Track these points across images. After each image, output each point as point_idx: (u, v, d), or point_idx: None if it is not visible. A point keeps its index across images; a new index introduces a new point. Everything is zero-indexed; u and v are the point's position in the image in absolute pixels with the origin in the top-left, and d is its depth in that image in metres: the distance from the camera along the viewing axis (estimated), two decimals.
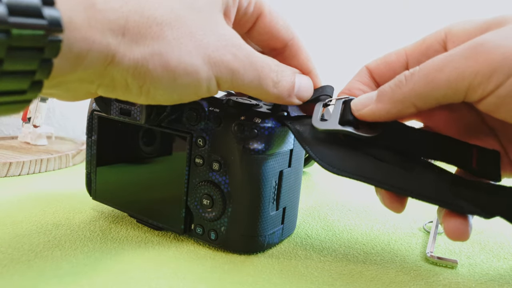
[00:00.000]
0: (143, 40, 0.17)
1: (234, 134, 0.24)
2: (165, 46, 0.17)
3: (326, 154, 0.22)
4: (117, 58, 0.17)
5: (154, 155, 0.28)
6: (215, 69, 0.19)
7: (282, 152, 0.26)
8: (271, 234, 0.26)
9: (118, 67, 0.17)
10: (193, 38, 0.18)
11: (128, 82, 0.18)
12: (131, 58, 0.17)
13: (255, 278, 0.23)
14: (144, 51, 0.17)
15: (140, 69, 0.17)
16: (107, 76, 0.17)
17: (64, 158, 0.48)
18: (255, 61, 0.20)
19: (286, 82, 0.21)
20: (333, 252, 0.27)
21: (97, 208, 0.33)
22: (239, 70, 0.19)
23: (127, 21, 0.16)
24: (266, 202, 0.25)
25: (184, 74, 0.18)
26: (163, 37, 0.17)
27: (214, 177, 0.25)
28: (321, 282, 0.23)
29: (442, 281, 0.24)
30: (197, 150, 0.26)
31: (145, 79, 0.18)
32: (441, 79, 0.18)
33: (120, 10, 0.16)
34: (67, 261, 0.24)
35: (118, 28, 0.16)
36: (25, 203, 0.34)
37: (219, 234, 0.26)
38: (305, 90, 0.23)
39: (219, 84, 0.19)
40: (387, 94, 0.20)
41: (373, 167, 0.21)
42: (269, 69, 0.20)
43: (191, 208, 0.26)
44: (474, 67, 0.17)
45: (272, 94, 0.21)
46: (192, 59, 0.18)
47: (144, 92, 0.18)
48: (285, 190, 0.27)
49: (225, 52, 0.19)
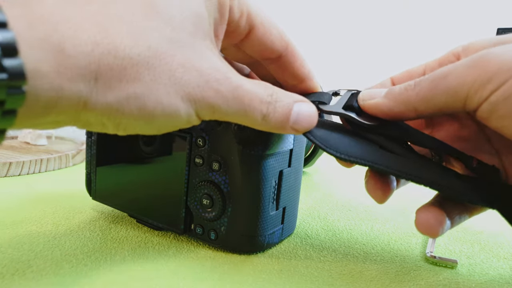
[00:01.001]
0: (117, 84, 0.16)
1: (234, 134, 0.24)
2: (142, 89, 0.16)
3: (331, 141, 0.22)
4: (89, 104, 0.16)
5: (154, 155, 0.28)
6: (194, 105, 0.18)
7: (282, 152, 0.26)
8: (271, 234, 0.26)
9: (92, 112, 0.16)
10: (172, 76, 0.17)
11: (104, 122, 0.17)
12: (105, 103, 0.16)
13: (255, 278, 0.23)
14: (118, 95, 0.16)
15: (116, 113, 0.16)
16: (81, 119, 0.16)
17: (64, 158, 0.48)
18: (241, 94, 0.19)
19: (279, 114, 0.20)
20: (333, 252, 0.27)
21: (97, 208, 0.33)
22: (221, 105, 0.18)
23: (99, 65, 0.15)
24: (266, 202, 0.25)
25: (162, 115, 0.17)
26: (139, 79, 0.16)
27: (214, 177, 0.25)
28: (321, 282, 0.23)
29: (442, 281, 0.24)
30: (197, 150, 0.26)
31: (121, 120, 0.17)
32: (443, 85, 0.19)
33: (92, 54, 0.15)
34: (67, 261, 0.24)
35: (90, 73, 0.15)
36: (25, 203, 0.34)
37: (219, 234, 0.26)
38: (304, 119, 0.21)
39: (199, 117, 0.19)
40: (394, 93, 0.21)
41: (379, 154, 0.21)
42: (259, 101, 0.19)
43: (191, 208, 0.26)
44: (473, 75, 0.18)
45: (261, 126, 0.20)
46: (171, 99, 0.17)
47: (121, 128, 0.18)
48: (285, 190, 0.27)
49: (206, 88, 0.18)
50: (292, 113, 0.20)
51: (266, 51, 0.22)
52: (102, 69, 0.15)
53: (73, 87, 0.15)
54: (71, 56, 0.14)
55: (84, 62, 0.15)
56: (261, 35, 0.21)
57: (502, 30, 0.91)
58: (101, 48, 0.15)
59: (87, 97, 0.15)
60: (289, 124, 0.20)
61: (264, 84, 0.20)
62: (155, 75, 0.16)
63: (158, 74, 0.17)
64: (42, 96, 0.14)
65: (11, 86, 0.13)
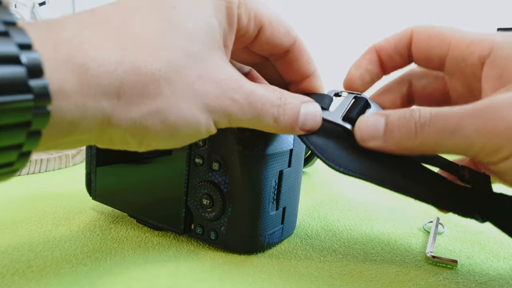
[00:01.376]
0: (140, 100, 0.16)
1: (234, 134, 0.24)
2: (164, 103, 0.17)
3: (330, 151, 0.22)
4: (113, 121, 0.16)
5: (154, 155, 0.28)
6: (213, 115, 0.18)
7: (282, 152, 0.26)
8: (271, 234, 0.26)
9: (116, 129, 0.16)
10: (192, 89, 0.17)
11: (127, 140, 0.17)
12: (129, 119, 0.16)
13: (255, 278, 0.23)
14: (141, 110, 0.16)
15: (139, 128, 0.17)
16: (105, 137, 0.17)
17: (64, 158, 0.48)
18: (255, 100, 0.19)
19: (288, 116, 0.21)
20: (333, 252, 0.27)
21: (97, 208, 0.33)
22: (237, 112, 0.19)
23: (122, 83, 0.15)
24: (266, 202, 0.25)
25: (185, 126, 0.18)
26: (161, 94, 0.16)
27: (214, 177, 0.25)
28: (321, 282, 0.23)
29: (442, 281, 0.24)
30: (197, 150, 0.26)
31: (145, 136, 0.17)
32: (450, 142, 0.18)
33: (115, 72, 0.15)
34: (67, 261, 0.24)
35: (113, 92, 0.15)
36: (25, 203, 0.34)
37: (219, 234, 0.26)
38: (311, 120, 0.22)
39: (217, 125, 0.19)
40: (395, 138, 0.20)
41: (375, 168, 0.21)
42: (270, 105, 0.20)
43: (191, 208, 0.26)
44: (482, 140, 0.18)
45: (272, 129, 0.21)
46: (192, 111, 0.17)
47: (144, 145, 0.18)
48: (285, 190, 0.27)
49: (223, 98, 0.18)
50: (300, 115, 0.21)
51: (274, 48, 0.22)
52: (125, 86, 0.16)
53: (97, 106, 0.15)
54: (95, 76, 0.15)
55: (108, 81, 0.15)
56: (269, 34, 0.22)
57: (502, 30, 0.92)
58: (124, 66, 0.15)
59: (111, 114, 0.16)
60: (298, 125, 0.21)
61: (271, 87, 0.21)
62: (176, 89, 0.17)
63: (179, 88, 0.17)
64: (67, 116, 0.14)
65: (37, 107, 0.13)
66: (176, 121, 0.17)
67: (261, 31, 0.21)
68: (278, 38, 0.22)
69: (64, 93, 0.14)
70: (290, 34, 0.22)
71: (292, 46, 0.23)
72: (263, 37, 0.22)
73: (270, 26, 0.21)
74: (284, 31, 0.22)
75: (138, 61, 0.16)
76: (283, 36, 0.22)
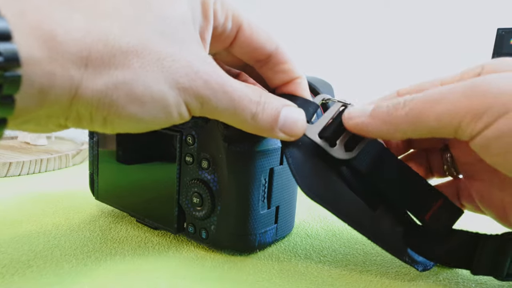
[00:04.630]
0: (106, 70, 0.16)
1: (220, 131, 0.24)
2: (130, 75, 0.16)
3: (304, 171, 0.22)
4: (80, 91, 0.16)
5: (151, 155, 0.28)
6: (183, 95, 0.18)
7: (272, 149, 0.25)
8: (262, 233, 0.26)
9: (82, 100, 0.16)
10: (161, 64, 0.17)
11: (92, 114, 0.17)
12: (94, 89, 0.16)
13: (255, 277, 0.23)
14: (107, 81, 0.16)
15: (104, 100, 0.16)
16: (72, 110, 0.17)
17: (64, 158, 0.48)
18: (231, 90, 0.19)
19: (268, 115, 0.20)
20: (333, 252, 0.27)
21: (97, 208, 0.33)
22: (210, 97, 0.18)
23: (90, 52, 0.15)
24: (255, 200, 0.25)
25: (151, 101, 0.17)
26: (128, 66, 0.16)
27: (204, 175, 0.25)
28: (321, 282, 0.23)
29: (442, 281, 0.24)
30: (187, 148, 0.26)
31: (109, 110, 0.17)
32: (434, 111, 0.18)
33: (83, 40, 0.15)
34: (67, 261, 0.24)
35: (81, 60, 0.15)
36: (25, 203, 0.34)
37: (209, 232, 0.26)
38: (292, 124, 0.21)
39: (189, 110, 0.19)
40: (382, 114, 0.20)
41: (343, 197, 0.22)
42: (248, 100, 0.19)
43: (183, 206, 0.26)
44: (466, 107, 0.17)
45: (250, 126, 0.20)
46: (159, 85, 0.17)
47: (108, 122, 0.17)
48: (277, 188, 0.26)
49: (195, 77, 0.18)
50: (280, 116, 0.21)
51: (255, 52, 0.22)
52: (92, 55, 0.16)
53: (64, 73, 0.15)
54: (63, 42, 0.15)
55: (75, 49, 0.15)
56: (249, 36, 0.22)
57: (502, 30, 0.91)
58: (92, 35, 0.15)
59: (78, 83, 0.16)
60: (278, 127, 0.21)
61: (252, 86, 0.21)
62: (143, 62, 0.17)
63: (147, 62, 0.17)
64: (36, 83, 0.14)
65: (7, 69, 0.13)
66: (142, 94, 0.17)
67: (240, 31, 0.21)
68: (257, 41, 0.22)
69: (33, 59, 0.14)
70: (271, 39, 0.22)
71: (275, 51, 0.23)
72: (243, 38, 0.21)
73: (249, 27, 0.21)
74: (265, 35, 0.22)
75: (106, 32, 0.16)
76: (263, 39, 0.22)
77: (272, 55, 0.23)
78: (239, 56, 0.23)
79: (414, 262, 0.23)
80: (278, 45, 0.23)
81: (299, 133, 0.22)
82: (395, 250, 0.22)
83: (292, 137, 0.21)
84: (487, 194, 0.23)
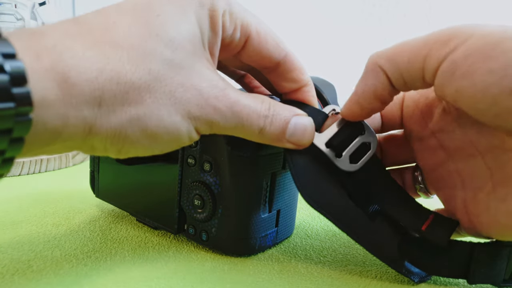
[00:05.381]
0: (120, 107, 0.16)
1: (223, 135, 0.24)
2: (143, 110, 0.17)
3: (307, 178, 0.22)
4: (94, 129, 0.16)
5: (153, 156, 0.28)
6: (194, 122, 0.18)
7: (274, 154, 0.25)
8: (263, 236, 0.26)
9: (97, 137, 0.16)
10: (173, 97, 0.17)
11: (107, 147, 0.17)
12: (109, 127, 0.16)
13: (255, 278, 0.23)
14: (121, 118, 0.16)
15: (119, 136, 0.17)
16: (87, 144, 0.17)
17: (64, 158, 0.48)
18: (239, 110, 0.19)
19: (275, 127, 0.20)
20: (333, 252, 0.27)
21: (97, 208, 0.33)
22: (219, 121, 0.19)
23: (103, 92, 0.16)
24: (256, 204, 0.25)
25: (165, 133, 0.18)
26: (141, 102, 0.17)
27: (206, 178, 0.25)
28: (321, 282, 0.23)
29: (442, 282, 0.24)
30: (189, 150, 0.26)
31: (124, 143, 0.17)
32: (407, 45, 0.19)
33: (96, 81, 0.15)
34: (67, 261, 0.24)
35: (94, 100, 0.15)
36: (25, 203, 0.34)
37: (210, 235, 0.26)
38: (300, 134, 0.21)
39: (199, 133, 0.19)
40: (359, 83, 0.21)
41: (343, 207, 0.23)
42: (257, 115, 0.20)
43: (184, 208, 0.26)
44: (435, 36, 0.18)
45: (257, 139, 0.21)
46: (172, 118, 0.18)
47: (123, 153, 0.18)
48: (278, 192, 0.26)
49: (205, 106, 0.18)
50: (289, 126, 0.21)
51: (263, 60, 0.22)
52: (105, 95, 0.16)
53: (78, 114, 0.15)
54: (76, 85, 0.15)
55: (89, 90, 0.15)
56: (257, 45, 0.21)
57: None
58: (105, 74, 0.16)
59: (92, 123, 0.16)
60: (286, 137, 0.21)
61: (261, 97, 0.21)
62: (156, 96, 0.17)
63: (159, 95, 0.17)
64: (48, 124, 0.15)
65: (18, 114, 0.13)
66: (156, 129, 0.17)
67: (248, 40, 0.21)
68: (266, 50, 0.22)
69: (46, 101, 0.14)
70: (279, 47, 0.22)
71: (283, 59, 0.22)
72: (251, 47, 0.21)
73: (258, 36, 0.21)
74: (273, 43, 0.22)
75: (118, 70, 0.16)
76: (272, 47, 0.22)
77: (280, 63, 0.22)
78: (247, 63, 0.23)
79: (410, 273, 0.23)
80: (287, 53, 0.22)
81: (307, 143, 0.22)
82: (391, 261, 0.23)
83: (299, 147, 0.22)
84: (451, 199, 0.23)
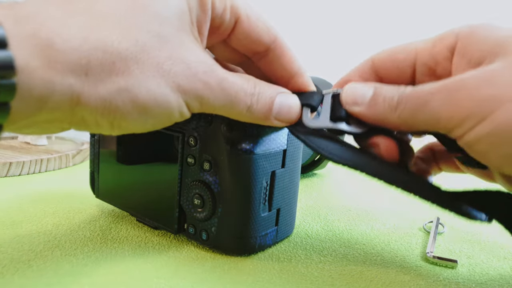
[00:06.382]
0: (108, 78, 0.16)
1: (223, 134, 0.24)
2: (132, 81, 0.17)
3: (328, 146, 0.22)
4: (82, 98, 0.16)
5: (152, 154, 0.28)
6: (184, 96, 0.18)
7: (274, 153, 0.25)
8: (263, 235, 0.26)
9: (86, 108, 0.16)
10: (161, 69, 0.17)
11: (98, 120, 0.17)
12: (98, 97, 0.16)
13: (255, 278, 0.23)
14: (110, 88, 0.16)
15: (109, 107, 0.17)
16: (76, 116, 0.17)
17: (64, 158, 0.48)
18: (228, 86, 0.19)
19: (262, 105, 0.21)
20: (333, 252, 0.27)
21: (97, 208, 0.33)
22: (209, 96, 0.19)
23: (89, 60, 0.15)
24: (256, 203, 0.25)
25: (155, 106, 0.18)
26: (129, 73, 0.17)
27: (205, 177, 0.25)
28: (321, 282, 0.23)
29: (442, 281, 0.24)
30: (189, 149, 0.26)
31: (115, 116, 0.17)
32: (422, 114, 0.19)
33: (81, 49, 0.15)
34: (67, 261, 0.24)
35: (80, 68, 0.15)
36: (25, 203, 0.34)
37: (210, 234, 0.26)
38: (286, 111, 0.21)
39: (189, 109, 0.19)
40: (378, 108, 0.20)
41: (368, 161, 0.21)
42: (244, 93, 0.20)
43: (184, 207, 0.26)
44: (449, 113, 0.18)
45: (246, 118, 0.21)
46: (161, 89, 0.18)
47: (116, 126, 0.18)
48: (278, 191, 0.26)
49: (194, 80, 0.18)
50: (274, 104, 0.21)
51: (253, 44, 0.22)
52: (92, 63, 0.16)
53: (64, 82, 0.15)
54: (61, 51, 0.15)
55: (74, 57, 0.15)
56: (247, 27, 0.21)
57: None
58: (90, 43, 0.15)
59: (79, 91, 0.16)
60: (272, 115, 0.21)
61: (247, 76, 0.21)
62: (144, 68, 0.17)
63: (147, 67, 0.17)
64: (34, 90, 0.14)
65: (2, 77, 0.13)
66: (146, 99, 0.17)
67: (238, 23, 0.21)
68: (256, 33, 0.22)
69: (30, 67, 0.14)
70: (270, 31, 0.22)
71: (273, 44, 0.22)
72: (241, 30, 0.21)
73: (247, 19, 0.21)
74: (263, 27, 0.22)
75: (104, 39, 0.16)
76: (262, 31, 0.22)
77: (270, 48, 0.22)
78: (237, 48, 0.23)
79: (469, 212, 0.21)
80: (277, 36, 0.22)
81: (294, 119, 0.22)
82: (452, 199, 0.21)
83: (287, 124, 0.22)
84: None
